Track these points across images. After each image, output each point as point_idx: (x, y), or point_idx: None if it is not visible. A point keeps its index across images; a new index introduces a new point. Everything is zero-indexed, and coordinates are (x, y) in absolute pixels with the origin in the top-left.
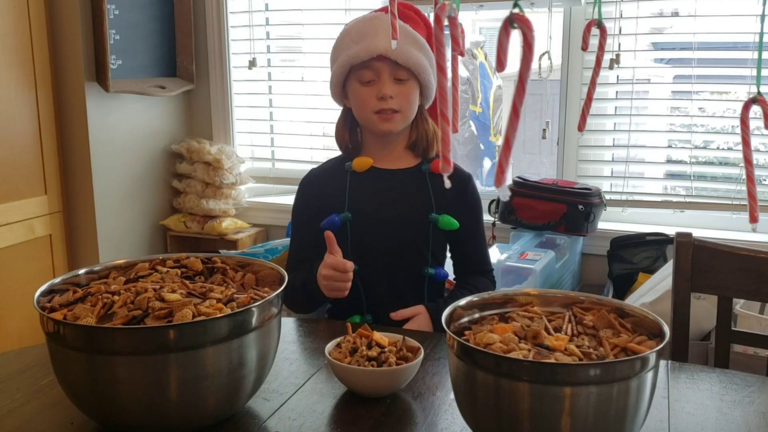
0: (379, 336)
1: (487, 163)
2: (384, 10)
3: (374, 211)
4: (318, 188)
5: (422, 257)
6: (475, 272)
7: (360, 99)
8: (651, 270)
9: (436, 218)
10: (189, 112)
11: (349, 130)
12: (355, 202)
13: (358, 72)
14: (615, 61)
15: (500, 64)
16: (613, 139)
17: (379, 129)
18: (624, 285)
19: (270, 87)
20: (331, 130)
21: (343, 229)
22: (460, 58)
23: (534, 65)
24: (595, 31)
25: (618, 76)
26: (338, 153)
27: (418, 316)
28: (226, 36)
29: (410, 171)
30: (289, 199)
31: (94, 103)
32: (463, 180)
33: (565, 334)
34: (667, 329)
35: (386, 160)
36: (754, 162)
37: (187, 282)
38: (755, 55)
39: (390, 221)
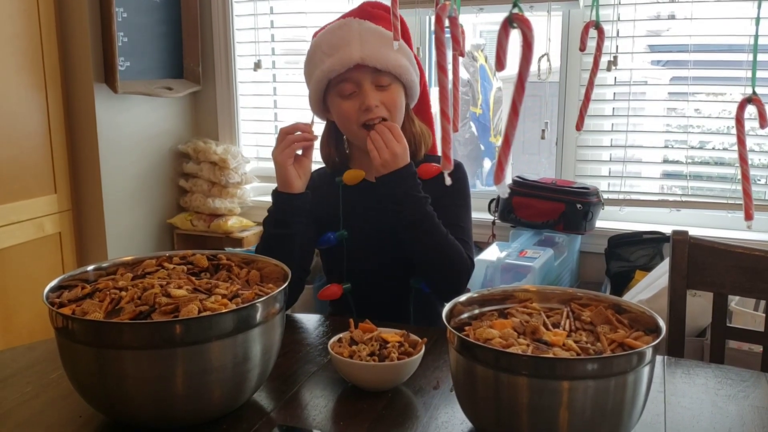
0: (385, 332)
1: (487, 164)
2: (351, 14)
3: (367, 229)
4: (313, 193)
5: (411, 268)
6: None
7: (344, 114)
8: (648, 268)
9: None
10: (195, 112)
11: (335, 145)
12: (349, 220)
13: (337, 86)
14: (613, 63)
15: (500, 64)
16: (611, 139)
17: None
18: (621, 282)
19: (275, 88)
20: None
21: (339, 247)
22: (461, 59)
23: (533, 67)
24: (593, 33)
25: (615, 78)
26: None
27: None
28: (231, 38)
29: None
30: None
31: (103, 104)
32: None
33: (564, 329)
34: (663, 325)
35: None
36: (749, 161)
37: (193, 278)
38: (750, 57)
39: (382, 237)
